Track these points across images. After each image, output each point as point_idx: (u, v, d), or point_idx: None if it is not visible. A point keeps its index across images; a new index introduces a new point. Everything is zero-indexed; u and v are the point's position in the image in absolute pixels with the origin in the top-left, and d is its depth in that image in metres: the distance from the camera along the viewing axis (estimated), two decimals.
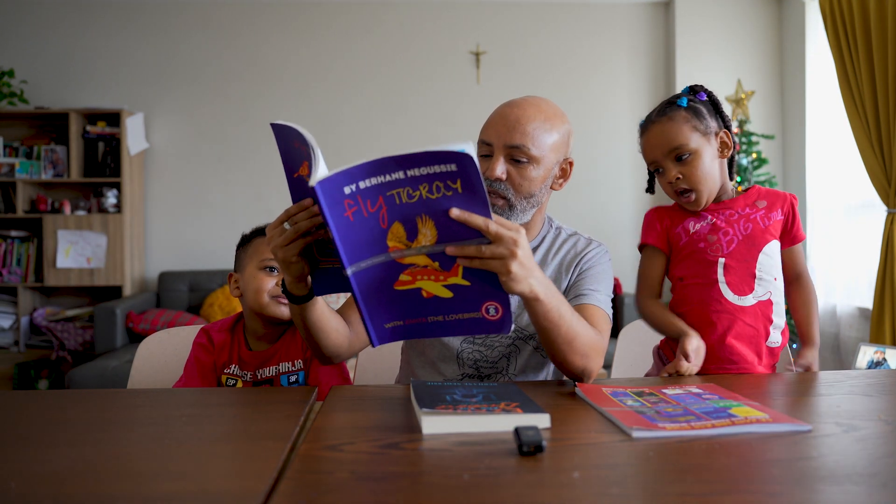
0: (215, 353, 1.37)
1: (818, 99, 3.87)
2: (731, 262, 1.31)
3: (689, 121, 1.30)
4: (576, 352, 1.10)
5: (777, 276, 1.33)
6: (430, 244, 0.92)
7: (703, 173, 1.30)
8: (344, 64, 4.32)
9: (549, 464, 0.74)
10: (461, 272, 0.94)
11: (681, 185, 1.32)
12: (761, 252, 1.32)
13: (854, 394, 1.05)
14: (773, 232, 1.34)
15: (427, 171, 0.86)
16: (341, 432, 0.88)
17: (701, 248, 1.34)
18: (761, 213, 1.35)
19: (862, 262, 3.48)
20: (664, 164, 1.32)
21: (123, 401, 1.10)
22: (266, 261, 1.35)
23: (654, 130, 1.33)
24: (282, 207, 3.92)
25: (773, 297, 1.33)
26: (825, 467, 0.72)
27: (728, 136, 1.34)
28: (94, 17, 4.24)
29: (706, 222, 1.35)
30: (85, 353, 3.85)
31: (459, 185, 0.87)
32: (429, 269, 0.94)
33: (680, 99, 1.32)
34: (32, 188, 4.07)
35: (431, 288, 0.96)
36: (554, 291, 1.05)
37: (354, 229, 0.90)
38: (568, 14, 4.35)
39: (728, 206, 1.36)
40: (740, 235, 1.33)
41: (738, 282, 1.31)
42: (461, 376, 1.34)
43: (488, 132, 1.28)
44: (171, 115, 4.27)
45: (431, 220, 0.90)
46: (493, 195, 1.27)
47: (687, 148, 1.29)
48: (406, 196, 0.88)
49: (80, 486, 0.69)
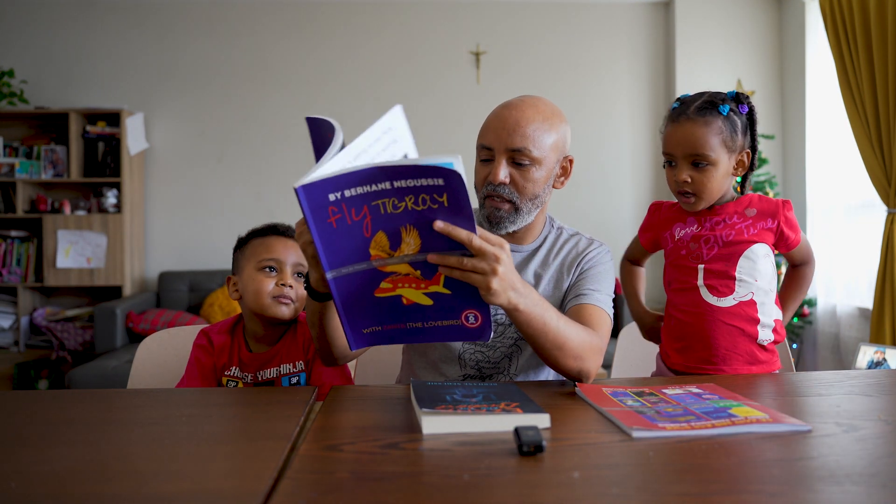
0: (215, 355, 1.36)
1: (818, 99, 3.87)
2: (711, 267, 1.34)
3: (721, 132, 1.29)
4: (567, 355, 1.10)
5: (759, 277, 1.33)
6: (412, 253, 0.92)
7: (712, 185, 1.31)
8: (344, 64, 4.32)
9: (549, 464, 0.74)
10: (442, 281, 0.95)
11: (686, 187, 1.32)
12: (742, 256, 1.33)
13: (854, 394, 1.05)
14: (758, 238, 1.33)
15: (414, 183, 0.86)
16: (341, 432, 0.88)
17: (683, 255, 1.37)
18: (748, 222, 1.34)
19: (862, 262, 3.48)
20: (679, 162, 1.32)
21: (123, 401, 1.10)
22: (264, 261, 1.34)
23: (686, 127, 1.30)
24: (281, 207, 3.95)
25: (755, 298, 1.33)
26: (825, 467, 0.72)
27: (748, 157, 1.34)
28: (95, 18, 4.24)
29: (691, 229, 1.37)
30: (85, 353, 3.85)
31: (446, 199, 0.87)
32: (410, 278, 0.94)
33: (723, 105, 1.29)
34: (32, 188, 4.07)
35: (412, 295, 0.96)
36: (536, 300, 1.04)
37: (337, 235, 0.90)
38: (568, 14, 4.35)
39: (717, 212, 1.36)
40: (721, 242, 1.34)
41: (718, 285, 1.33)
42: (463, 377, 1.34)
43: (488, 136, 1.27)
44: (171, 115, 4.27)
45: (416, 231, 0.91)
46: (498, 199, 1.26)
47: (708, 158, 1.29)
48: (391, 206, 0.88)
49: (80, 486, 0.69)
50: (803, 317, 3.63)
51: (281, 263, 1.34)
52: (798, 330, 3.68)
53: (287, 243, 1.36)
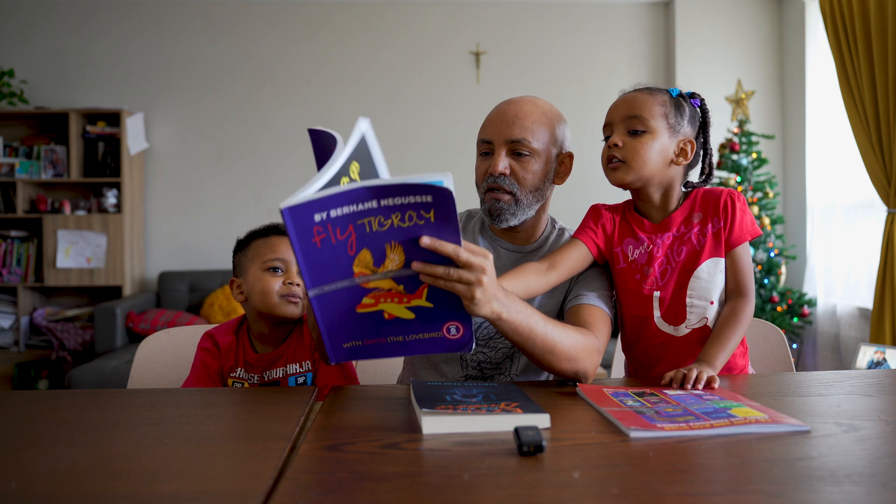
0: (222, 358, 1.35)
1: (818, 99, 3.87)
2: (665, 293, 1.24)
3: (665, 105, 1.21)
4: (560, 358, 1.10)
5: (714, 298, 1.23)
6: (396, 269, 0.92)
7: (644, 154, 1.20)
8: (344, 64, 4.32)
9: (549, 464, 0.74)
10: (425, 294, 0.94)
11: (615, 152, 1.22)
12: (692, 276, 1.22)
13: (854, 394, 1.05)
14: (708, 249, 1.22)
15: (402, 201, 0.86)
16: (341, 432, 0.88)
17: (637, 279, 1.26)
18: (696, 229, 1.24)
19: (862, 262, 3.48)
20: (616, 128, 1.23)
21: (123, 401, 1.10)
22: (270, 261, 1.33)
23: (628, 96, 1.24)
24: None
25: (710, 323, 1.23)
26: (825, 467, 0.72)
27: (692, 148, 1.24)
28: (94, 17, 4.24)
29: (643, 249, 1.26)
30: (85, 353, 3.85)
31: (432, 216, 0.87)
32: (393, 293, 0.94)
33: (673, 89, 1.24)
34: (32, 188, 4.07)
35: (394, 310, 0.95)
36: (519, 308, 1.04)
37: (320, 255, 0.89)
38: (568, 14, 4.35)
39: (666, 225, 1.25)
40: (675, 264, 1.24)
41: (672, 313, 1.24)
42: (464, 377, 1.35)
43: (488, 130, 1.30)
44: (171, 115, 4.27)
45: (400, 247, 0.90)
46: (499, 191, 1.28)
47: (645, 123, 1.20)
48: (377, 224, 0.88)
49: (80, 486, 0.69)
50: (803, 317, 3.63)
51: (286, 262, 1.33)
52: (798, 330, 3.68)
53: (290, 242, 1.35)
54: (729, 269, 1.24)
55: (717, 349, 1.17)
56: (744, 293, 1.23)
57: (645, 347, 1.29)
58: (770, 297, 3.59)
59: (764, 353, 1.56)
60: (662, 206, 1.27)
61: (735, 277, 1.23)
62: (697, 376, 1.07)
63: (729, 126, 3.95)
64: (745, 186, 3.70)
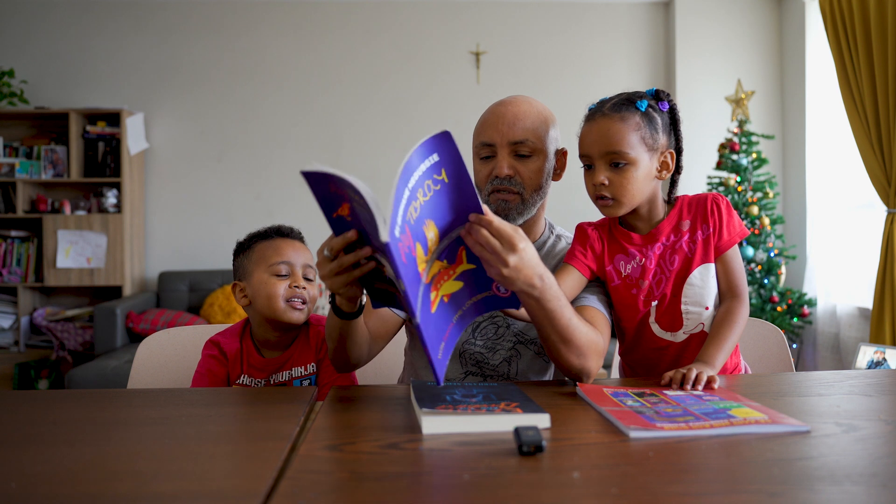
0: (229, 365, 1.33)
1: (818, 99, 3.87)
2: (661, 303, 1.24)
3: (639, 129, 1.18)
4: (572, 351, 1.10)
5: (709, 303, 1.23)
6: (436, 246, 0.91)
7: (631, 187, 1.19)
8: (344, 64, 4.32)
9: (549, 464, 0.74)
10: (465, 257, 0.94)
11: (604, 191, 1.20)
12: (686, 284, 1.23)
13: (854, 394, 1.05)
14: (699, 256, 1.23)
15: (419, 174, 0.84)
16: (341, 432, 0.88)
17: (633, 294, 1.25)
18: (686, 237, 1.24)
19: (862, 262, 3.48)
20: (596, 163, 1.20)
21: (123, 401, 1.10)
22: (276, 265, 1.30)
23: (601, 125, 1.19)
24: (281, 208, 3.95)
25: (706, 328, 1.24)
26: (825, 467, 0.72)
27: (672, 158, 1.23)
28: (95, 18, 4.24)
29: (636, 263, 1.25)
30: (85, 353, 3.85)
31: (445, 175, 0.87)
32: (441, 273, 0.93)
33: (641, 101, 1.19)
34: (32, 188, 4.07)
35: (448, 289, 0.95)
36: (550, 284, 1.02)
37: (408, 271, 0.84)
38: (568, 14, 4.35)
39: (654, 236, 1.25)
40: (668, 273, 1.23)
41: (669, 320, 1.25)
42: (464, 374, 1.35)
43: (488, 133, 1.29)
44: (171, 115, 4.28)
45: (431, 221, 0.90)
46: (505, 192, 1.29)
47: (625, 157, 1.17)
48: (413, 211, 0.86)
49: (80, 486, 0.69)
50: (803, 317, 3.63)
51: (292, 266, 1.32)
52: (798, 330, 3.68)
53: (294, 245, 1.34)
54: (721, 271, 1.24)
55: (716, 349, 1.17)
56: (737, 294, 1.23)
57: (644, 353, 1.30)
58: (770, 297, 3.59)
59: (764, 353, 1.56)
60: (648, 218, 1.27)
61: (728, 279, 1.24)
62: (697, 376, 1.08)
63: (729, 126, 3.95)
64: (744, 186, 3.69)
